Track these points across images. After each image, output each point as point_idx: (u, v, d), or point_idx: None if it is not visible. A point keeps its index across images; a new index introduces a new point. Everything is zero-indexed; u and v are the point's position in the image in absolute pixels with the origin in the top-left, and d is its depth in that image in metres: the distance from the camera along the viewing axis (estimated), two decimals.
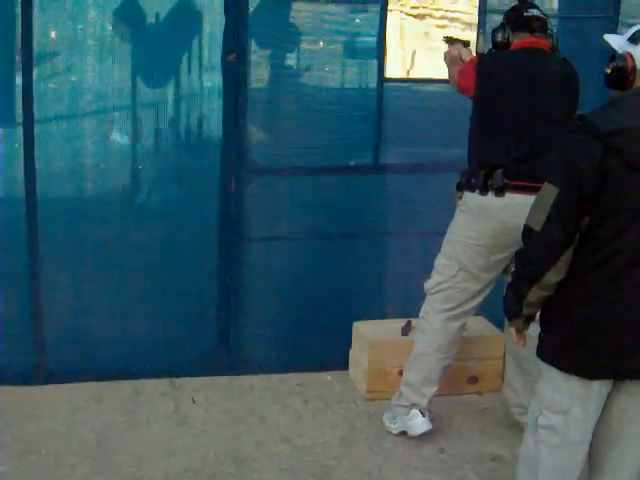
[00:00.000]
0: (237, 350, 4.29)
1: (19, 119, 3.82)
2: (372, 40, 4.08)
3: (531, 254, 2.63)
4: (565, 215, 2.52)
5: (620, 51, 2.57)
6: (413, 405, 3.77)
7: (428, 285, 3.77)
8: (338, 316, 4.32)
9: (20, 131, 3.84)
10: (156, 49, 3.98)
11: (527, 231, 2.63)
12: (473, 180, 3.57)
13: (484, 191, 3.54)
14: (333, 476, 3.55)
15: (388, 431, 3.86)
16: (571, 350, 2.64)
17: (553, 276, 2.57)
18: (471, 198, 3.61)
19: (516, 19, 3.60)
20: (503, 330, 4.15)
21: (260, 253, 4.23)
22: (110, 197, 4.10)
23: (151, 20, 3.87)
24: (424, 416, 3.76)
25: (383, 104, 4.15)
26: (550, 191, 2.54)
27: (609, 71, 2.59)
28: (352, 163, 4.20)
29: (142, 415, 3.94)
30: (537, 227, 2.57)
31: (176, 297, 4.18)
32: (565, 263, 2.56)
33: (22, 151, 3.84)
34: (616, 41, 2.63)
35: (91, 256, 4.08)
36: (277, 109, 4.10)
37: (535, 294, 2.62)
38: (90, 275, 4.11)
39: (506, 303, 2.77)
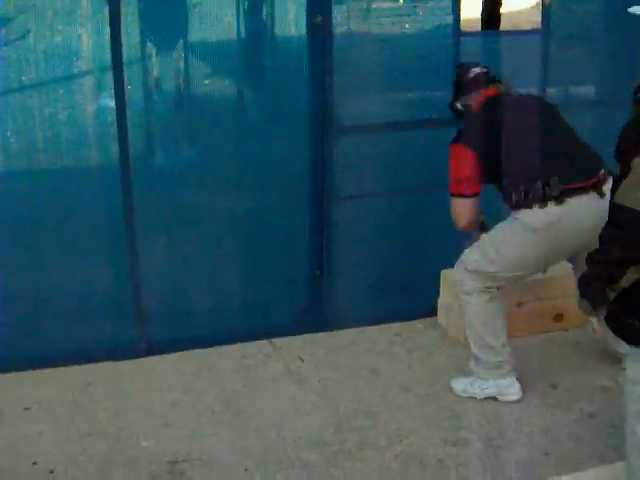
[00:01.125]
0: (331, 306, 4.38)
1: None
2: None
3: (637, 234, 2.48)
4: None
5: None
6: (507, 365, 3.77)
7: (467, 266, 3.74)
8: (423, 265, 4.43)
9: None
10: (241, 11, 3.96)
11: (624, 212, 2.48)
12: (530, 195, 3.48)
13: (544, 203, 3.46)
14: (465, 419, 3.70)
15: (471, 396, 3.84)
16: None
17: None
18: (530, 215, 3.51)
19: (464, 84, 3.79)
20: None
21: (349, 210, 4.29)
22: (201, 164, 4.11)
23: None
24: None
25: (460, 57, 4.23)
26: None
27: None
28: (433, 117, 4.28)
29: (257, 378, 4.00)
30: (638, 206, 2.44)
31: (269, 259, 4.24)
32: None
33: None
34: None
35: (186, 225, 4.09)
36: (360, 68, 4.12)
37: (629, 277, 2.53)
38: (185, 243, 4.12)
39: (588, 293, 2.68)
